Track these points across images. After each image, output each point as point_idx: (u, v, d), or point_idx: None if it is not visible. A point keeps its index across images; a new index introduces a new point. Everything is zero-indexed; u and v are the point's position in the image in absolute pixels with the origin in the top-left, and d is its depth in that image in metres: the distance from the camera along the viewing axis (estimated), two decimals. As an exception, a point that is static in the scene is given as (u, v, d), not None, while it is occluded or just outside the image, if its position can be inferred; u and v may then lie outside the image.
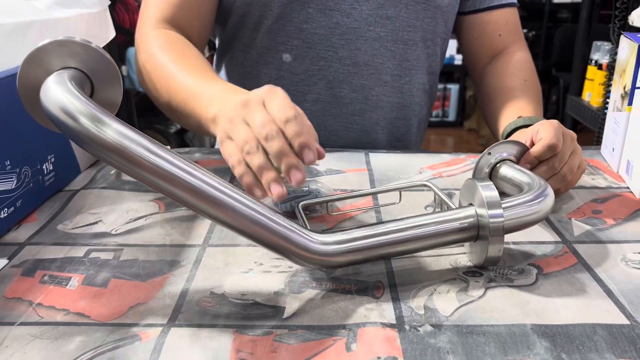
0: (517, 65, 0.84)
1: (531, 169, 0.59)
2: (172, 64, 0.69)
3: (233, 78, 0.89)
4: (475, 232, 0.49)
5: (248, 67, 0.86)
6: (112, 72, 0.51)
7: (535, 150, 0.59)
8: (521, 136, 0.63)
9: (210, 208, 0.43)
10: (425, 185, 0.60)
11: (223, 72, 0.91)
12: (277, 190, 0.48)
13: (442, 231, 0.48)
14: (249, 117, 0.51)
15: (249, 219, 0.44)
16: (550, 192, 0.52)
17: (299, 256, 0.45)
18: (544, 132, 0.59)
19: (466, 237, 0.49)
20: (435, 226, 0.48)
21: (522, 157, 0.60)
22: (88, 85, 0.50)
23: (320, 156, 0.50)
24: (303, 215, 0.54)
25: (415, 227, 0.48)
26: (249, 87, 0.86)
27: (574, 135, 0.62)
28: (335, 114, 0.85)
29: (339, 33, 0.80)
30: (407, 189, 0.64)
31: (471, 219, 0.48)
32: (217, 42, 0.92)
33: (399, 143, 0.91)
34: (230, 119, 0.52)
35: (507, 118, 0.74)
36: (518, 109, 0.74)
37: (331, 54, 0.81)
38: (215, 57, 0.94)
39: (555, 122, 0.61)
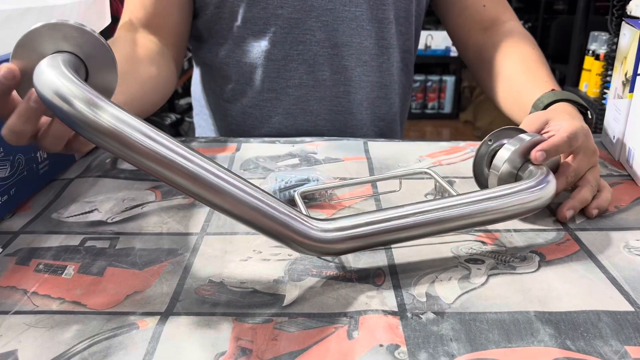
0: (516, 35, 0.81)
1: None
2: None
3: (212, 70, 0.88)
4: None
5: (227, 58, 0.85)
6: (107, 57, 0.50)
7: (554, 140, 0.53)
8: (535, 120, 0.59)
9: (209, 194, 0.42)
10: (425, 173, 0.60)
11: (204, 63, 0.90)
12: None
13: (444, 218, 0.48)
14: None
15: (248, 205, 0.42)
16: (551, 178, 0.52)
17: (299, 243, 0.44)
18: (568, 127, 0.55)
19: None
20: (438, 212, 0.47)
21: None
22: (82, 69, 0.49)
23: None
24: (302, 203, 0.53)
25: (418, 213, 0.47)
26: (230, 77, 0.86)
27: (597, 149, 0.57)
28: (319, 97, 0.85)
29: (315, 15, 0.80)
30: (407, 176, 0.63)
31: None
32: (190, 39, 0.91)
33: (381, 123, 0.91)
34: None
35: (534, 91, 0.68)
36: (543, 82, 0.69)
37: (309, 37, 0.81)
38: (192, 53, 0.93)
39: (585, 127, 0.56)
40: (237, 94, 0.87)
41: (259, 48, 0.82)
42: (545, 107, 0.64)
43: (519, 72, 0.75)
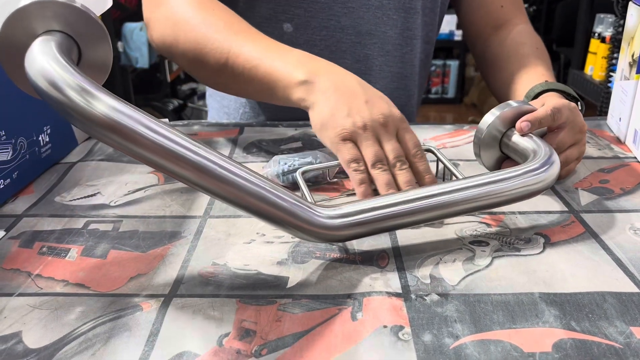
0: (524, 35, 0.82)
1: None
2: (223, 27, 0.65)
3: None
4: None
5: None
6: (99, 33, 0.48)
7: (538, 113, 0.55)
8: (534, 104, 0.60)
9: (213, 185, 0.41)
10: (430, 151, 0.59)
11: None
12: None
13: (449, 202, 0.47)
14: (384, 139, 0.55)
15: (251, 195, 0.42)
16: (555, 158, 0.51)
17: (304, 231, 0.44)
18: (553, 103, 0.57)
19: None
20: (442, 197, 0.47)
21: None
22: (75, 49, 0.48)
23: None
24: (305, 185, 0.53)
25: (422, 198, 0.47)
26: None
27: (585, 128, 0.59)
28: None
29: (341, 1, 0.78)
30: None
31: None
32: None
33: None
34: (363, 126, 0.54)
35: (528, 82, 0.69)
36: (539, 75, 0.71)
37: (334, 23, 0.79)
38: None
39: (572, 104, 0.58)
40: None
41: (281, 30, 0.81)
42: (536, 96, 0.66)
43: (517, 66, 0.76)
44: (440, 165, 0.61)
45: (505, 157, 0.58)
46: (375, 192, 0.52)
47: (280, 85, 0.60)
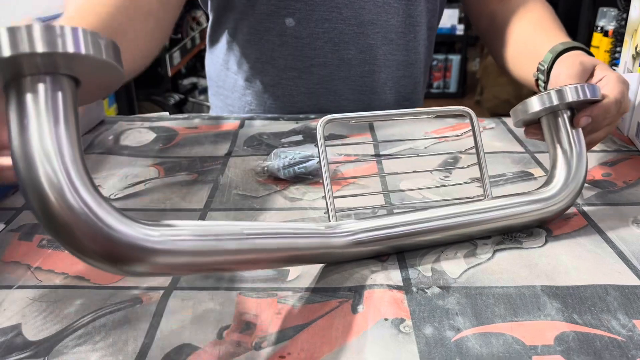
0: (527, 2, 0.80)
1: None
2: None
3: (233, 48, 0.86)
4: None
5: (248, 35, 0.83)
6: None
7: (603, 107, 0.52)
8: (579, 71, 0.57)
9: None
10: (465, 112, 0.53)
11: (223, 42, 0.88)
12: None
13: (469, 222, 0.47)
14: None
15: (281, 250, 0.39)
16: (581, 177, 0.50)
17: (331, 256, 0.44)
18: (613, 88, 0.53)
19: None
20: (464, 217, 0.47)
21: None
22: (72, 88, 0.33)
23: None
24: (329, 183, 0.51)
25: (438, 218, 0.46)
26: (252, 55, 0.84)
27: (627, 109, 0.57)
28: (344, 76, 0.83)
29: None
30: (444, 112, 0.54)
31: None
32: (209, 12, 0.89)
33: (407, 102, 0.89)
34: None
35: (547, 44, 0.65)
36: (557, 35, 0.68)
37: (335, 15, 0.79)
38: (209, 28, 0.91)
39: (627, 82, 0.55)
40: (258, 72, 0.85)
41: (283, 25, 0.80)
42: (561, 53, 0.63)
43: (530, 31, 0.74)
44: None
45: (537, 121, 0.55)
46: None
47: None
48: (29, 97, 0.30)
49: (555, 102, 0.50)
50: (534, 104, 0.51)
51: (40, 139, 0.30)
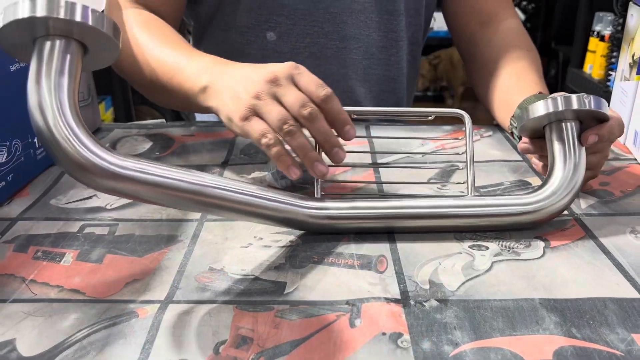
0: (513, 34, 0.79)
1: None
2: (152, 42, 0.66)
3: None
4: None
5: (230, 48, 0.82)
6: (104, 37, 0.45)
7: (609, 128, 0.52)
8: None
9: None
10: (460, 115, 0.56)
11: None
12: (322, 169, 0.50)
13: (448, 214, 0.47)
14: (281, 95, 0.50)
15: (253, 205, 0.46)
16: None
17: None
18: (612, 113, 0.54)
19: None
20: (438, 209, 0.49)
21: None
22: (80, 52, 0.45)
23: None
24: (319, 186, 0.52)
25: (414, 207, 0.49)
26: None
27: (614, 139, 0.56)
28: None
29: (322, 7, 0.77)
30: (438, 113, 0.58)
31: None
32: (192, 24, 0.88)
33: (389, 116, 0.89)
34: (256, 94, 0.51)
35: (522, 92, 0.65)
36: (533, 84, 0.68)
37: (317, 30, 0.79)
38: (192, 41, 0.91)
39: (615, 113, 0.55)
40: None
41: (264, 39, 0.80)
42: None
43: (508, 76, 0.72)
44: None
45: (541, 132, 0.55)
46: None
47: (191, 94, 0.59)
48: (47, 50, 0.42)
49: (561, 107, 0.50)
50: (539, 108, 0.52)
51: (47, 79, 0.42)
